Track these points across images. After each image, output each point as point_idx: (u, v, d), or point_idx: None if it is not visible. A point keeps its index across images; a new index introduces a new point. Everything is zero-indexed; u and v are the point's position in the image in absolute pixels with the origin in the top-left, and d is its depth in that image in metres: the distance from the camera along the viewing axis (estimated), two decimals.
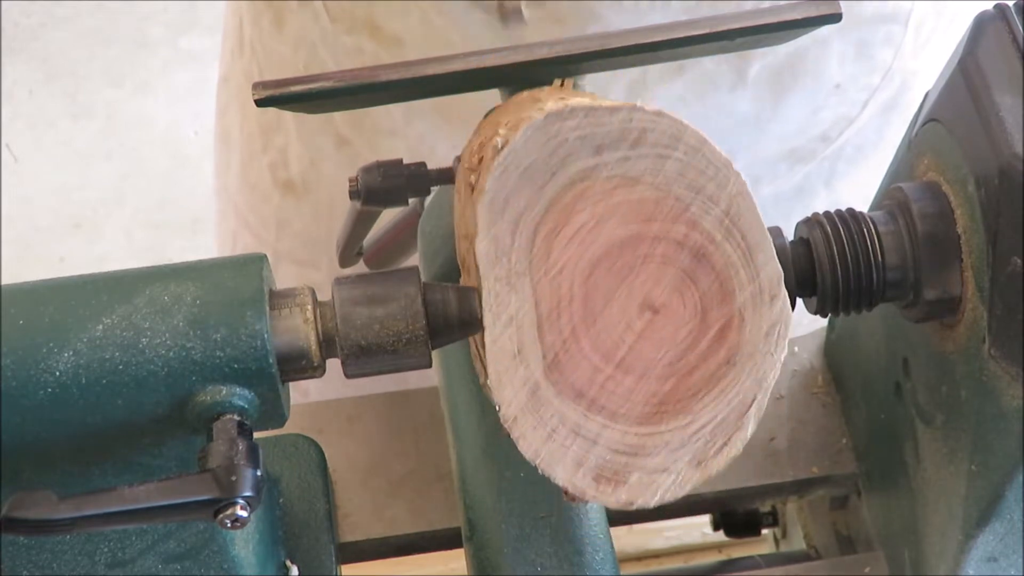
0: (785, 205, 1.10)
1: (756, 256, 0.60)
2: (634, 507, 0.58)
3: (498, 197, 0.60)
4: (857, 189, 1.11)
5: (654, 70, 0.98)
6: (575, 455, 0.58)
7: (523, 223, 0.60)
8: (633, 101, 0.60)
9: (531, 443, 0.59)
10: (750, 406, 0.59)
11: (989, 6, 0.65)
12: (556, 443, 0.58)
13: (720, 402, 0.59)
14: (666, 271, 0.59)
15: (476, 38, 0.95)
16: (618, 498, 0.58)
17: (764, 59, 1.01)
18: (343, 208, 0.87)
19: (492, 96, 0.75)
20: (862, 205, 0.69)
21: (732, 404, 0.59)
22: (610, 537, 0.78)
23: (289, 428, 0.69)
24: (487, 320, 0.60)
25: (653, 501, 0.58)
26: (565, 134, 0.60)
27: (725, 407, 0.59)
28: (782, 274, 0.60)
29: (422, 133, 1.03)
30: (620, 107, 0.60)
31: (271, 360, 0.62)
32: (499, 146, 0.60)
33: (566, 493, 0.59)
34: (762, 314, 0.59)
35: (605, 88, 0.98)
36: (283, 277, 1.17)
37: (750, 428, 0.59)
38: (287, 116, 1.10)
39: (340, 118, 1.06)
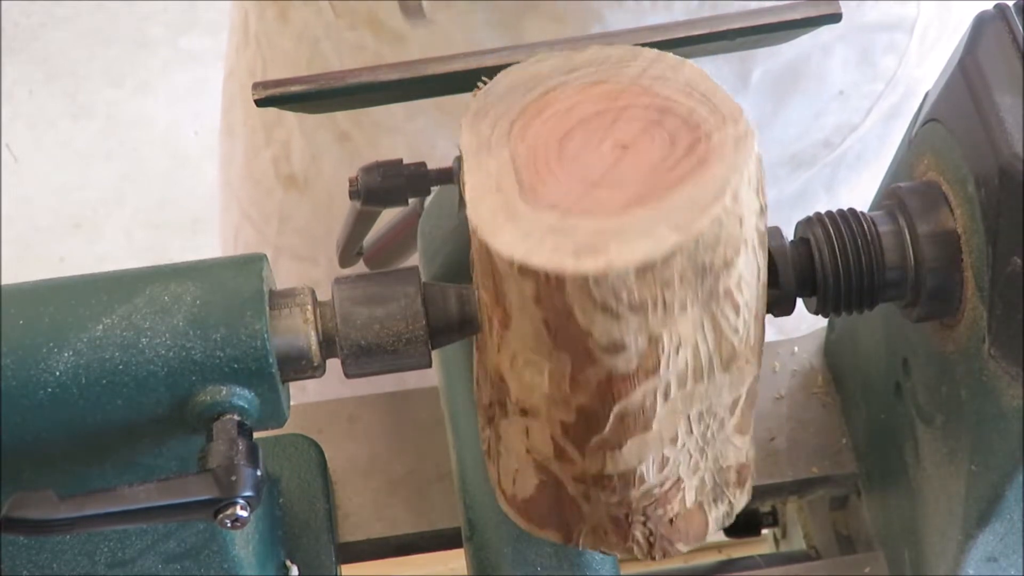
0: (786, 210, 1.10)
1: (718, 102, 0.62)
2: (610, 277, 0.57)
3: (481, 109, 0.63)
4: (858, 195, 1.11)
5: None
6: (553, 244, 0.58)
7: (501, 120, 0.63)
8: None
9: (508, 245, 0.58)
10: (725, 187, 0.59)
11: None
12: (533, 240, 0.58)
13: (696, 186, 0.59)
14: (634, 123, 0.61)
15: (476, 36, 0.95)
16: (596, 264, 0.57)
17: (766, 64, 1.01)
18: (343, 204, 0.87)
19: None
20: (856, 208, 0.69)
21: (708, 187, 0.59)
22: None
23: (289, 428, 0.69)
24: (467, 177, 0.61)
25: (633, 263, 0.57)
26: (540, 69, 0.64)
27: (701, 189, 0.59)
28: (742, 108, 0.62)
29: (423, 129, 1.03)
30: (588, 47, 0.65)
31: (271, 360, 0.62)
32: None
33: (547, 278, 0.58)
34: (727, 131, 0.60)
35: None
36: (282, 273, 1.17)
37: (727, 200, 0.58)
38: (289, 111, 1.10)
39: (341, 114, 1.06)
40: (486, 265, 0.60)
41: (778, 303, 0.65)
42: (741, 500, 0.66)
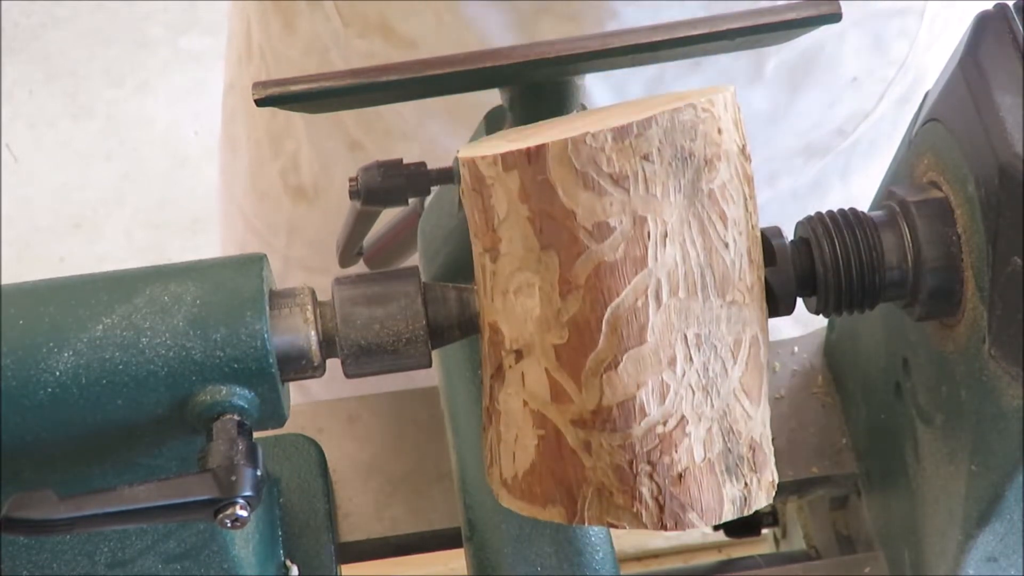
0: (801, 199, 1.11)
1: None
2: (588, 141, 0.60)
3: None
4: (872, 183, 1.11)
5: (672, 67, 0.99)
6: (534, 139, 0.62)
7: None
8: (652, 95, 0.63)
9: (491, 149, 0.62)
10: (699, 95, 0.63)
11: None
12: (515, 143, 0.62)
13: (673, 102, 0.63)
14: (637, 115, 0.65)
15: (490, 39, 0.94)
16: (574, 133, 0.60)
17: (780, 54, 1.01)
18: None
19: (498, 95, 0.75)
20: (856, 206, 0.69)
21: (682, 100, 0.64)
22: (610, 537, 0.78)
23: (289, 428, 0.69)
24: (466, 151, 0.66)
25: (610, 128, 0.60)
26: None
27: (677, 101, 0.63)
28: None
29: (435, 135, 1.03)
30: None
31: (271, 360, 0.62)
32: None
33: (528, 155, 0.61)
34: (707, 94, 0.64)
35: (623, 85, 0.97)
36: (294, 284, 1.16)
37: (702, 99, 0.62)
38: (297, 121, 1.10)
39: (351, 121, 1.06)
40: (476, 193, 0.62)
41: (778, 303, 0.65)
42: (760, 495, 0.66)
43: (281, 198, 1.14)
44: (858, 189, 1.12)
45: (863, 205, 0.69)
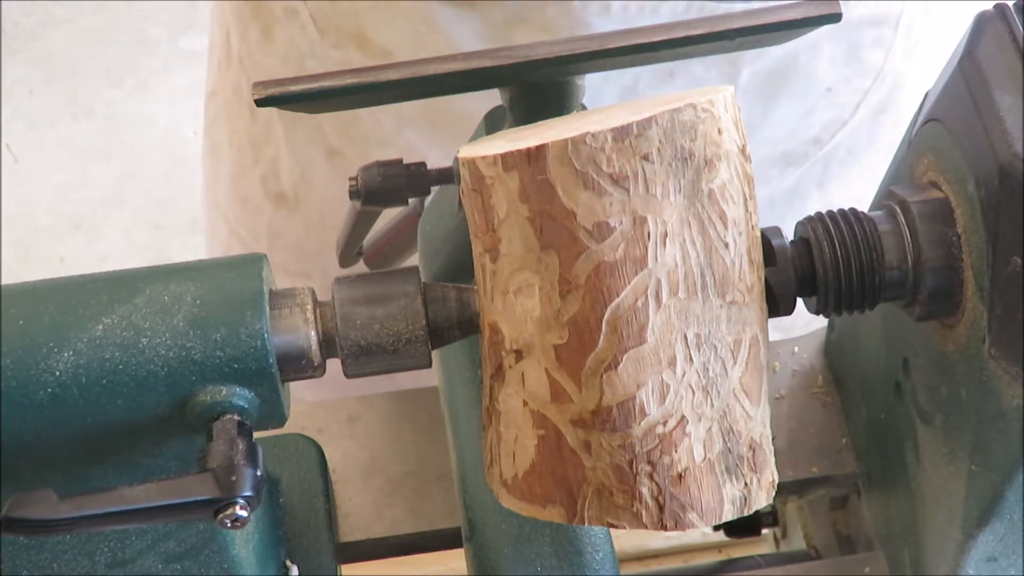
0: (778, 208, 1.10)
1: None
2: (588, 141, 0.59)
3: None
4: (849, 191, 1.12)
5: (646, 76, 0.99)
6: (534, 139, 0.62)
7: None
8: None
9: (491, 149, 0.63)
10: (699, 95, 0.63)
11: (979, 7, 0.65)
12: (515, 143, 0.62)
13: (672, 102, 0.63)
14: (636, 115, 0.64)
15: (465, 47, 0.95)
16: (575, 133, 0.60)
17: (755, 63, 1.01)
18: (335, 219, 0.87)
19: (487, 100, 0.75)
20: (855, 207, 0.69)
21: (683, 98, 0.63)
22: (610, 537, 0.78)
23: (289, 428, 0.69)
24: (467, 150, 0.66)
25: (610, 128, 0.60)
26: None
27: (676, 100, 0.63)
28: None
29: (413, 143, 1.03)
30: None
31: (271, 360, 0.62)
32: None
33: (528, 156, 0.61)
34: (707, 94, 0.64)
35: (598, 93, 0.98)
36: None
37: (702, 100, 0.62)
38: (276, 128, 1.10)
39: (330, 129, 1.06)
40: (476, 193, 0.62)
41: (778, 303, 0.65)
42: (760, 495, 0.66)
43: (262, 204, 1.15)
44: (836, 197, 1.12)
45: None
